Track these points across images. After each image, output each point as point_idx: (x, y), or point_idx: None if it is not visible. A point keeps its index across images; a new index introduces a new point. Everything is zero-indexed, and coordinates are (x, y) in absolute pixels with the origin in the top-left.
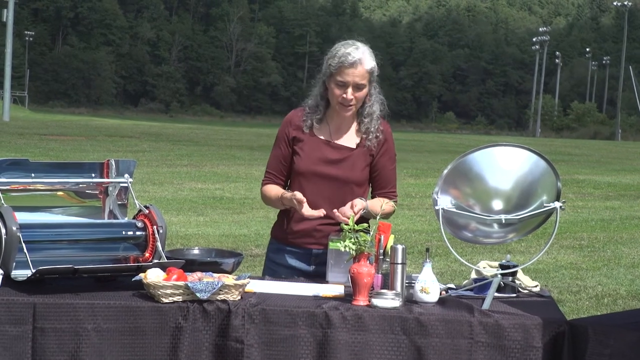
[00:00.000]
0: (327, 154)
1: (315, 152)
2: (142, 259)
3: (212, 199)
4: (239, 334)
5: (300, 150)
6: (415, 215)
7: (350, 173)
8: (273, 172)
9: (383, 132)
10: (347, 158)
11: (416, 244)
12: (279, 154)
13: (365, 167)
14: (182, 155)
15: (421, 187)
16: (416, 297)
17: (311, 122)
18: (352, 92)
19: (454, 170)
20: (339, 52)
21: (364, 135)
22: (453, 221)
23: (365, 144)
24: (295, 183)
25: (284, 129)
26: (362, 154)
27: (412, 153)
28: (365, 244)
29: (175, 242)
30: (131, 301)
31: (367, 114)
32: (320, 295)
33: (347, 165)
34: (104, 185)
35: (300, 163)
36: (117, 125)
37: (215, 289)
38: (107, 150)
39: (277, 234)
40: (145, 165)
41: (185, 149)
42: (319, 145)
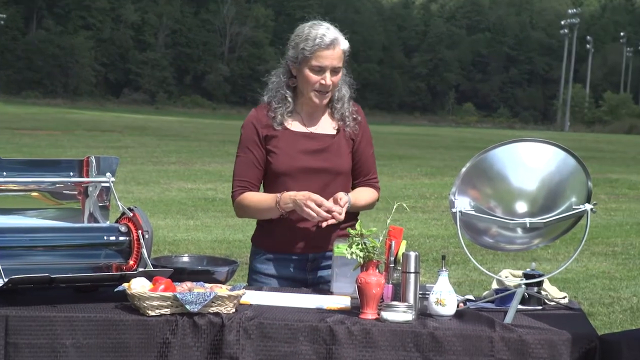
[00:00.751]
0: (308, 145)
1: (294, 146)
2: (126, 267)
3: (204, 201)
4: (233, 350)
5: (276, 148)
6: (430, 218)
7: (338, 161)
8: (246, 180)
9: (357, 114)
10: (330, 146)
11: (431, 250)
12: (251, 158)
13: (349, 154)
14: (170, 152)
15: (436, 188)
16: (431, 309)
17: (281, 116)
18: (329, 78)
19: (473, 169)
20: (311, 34)
21: (340, 121)
22: (472, 225)
23: (344, 129)
24: (276, 185)
25: (252, 129)
26: (344, 139)
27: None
28: (374, 250)
29: (162, 249)
30: (114, 314)
31: (337, 98)
32: (324, 307)
33: (333, 154)
34: (83, 185)
35: (279, 162)
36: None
37: (207, 300)
38: (87, 146)
39: (264, 242)
40: (129, 162)
41: (174, 144)
42: (296, 138)
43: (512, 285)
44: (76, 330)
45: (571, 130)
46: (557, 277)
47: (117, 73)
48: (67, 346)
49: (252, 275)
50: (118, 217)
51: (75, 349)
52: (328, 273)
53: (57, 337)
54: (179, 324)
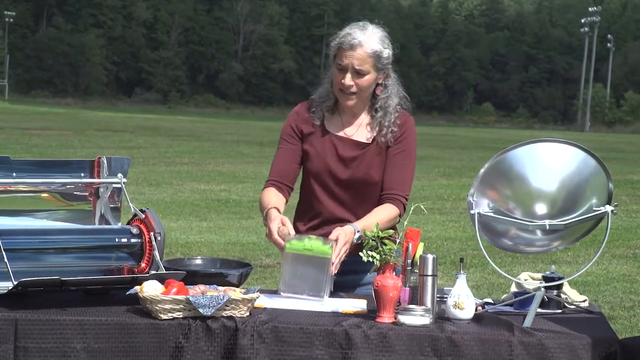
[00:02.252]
0: (341, 151)
1: (328, 149)
2: (138, 270)
3: (217, 202)
4: (247, 355)
5: (311, 147)
6: (447, 220)
7: (366, 172)
8: (278, 173)
9: (400, 125)
10: (362, 155)
11: (449, 253)
12: (289, 152)
13: (381, 165)
14: (183, 152)
15: (454, 189)
16: (449, 313)
17: (322, 113)
18: (351, 78)
19: (491, 170)
20: (341, 33)
21: (378, 131)
22: (491, 227)
23: (379, 139)
24: (305, 184)
25: (293, 122)
26: (376, 149)
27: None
28: (390, 253)
29: (175, 251)
30: (125, 317)
31: (380, 107)
32: (339, 311)
33: (363, 164)
34: (94, 186)
35: (311, 162)
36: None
37: (220, 304)
38: (98, 146)
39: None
40: (141, 163)
41: (186, 145)
42: (332, 141)
43: (532, 289)
44: (87, 334)
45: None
46: (577, 280)
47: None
48: (77, 350)
49: None
50: (130, 219)
51: (86, 353)
52: (343, 278)
53: (67, 341)
54: (191, 327)
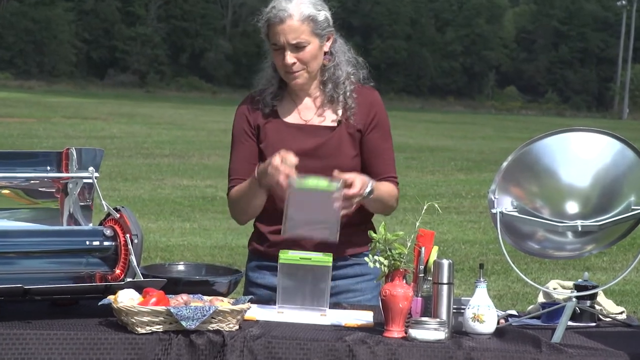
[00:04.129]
0: (302, 143)
1: (285, 142)
2: (112, 277)
3: (202, 200)
4: None
5: (267, 145)
6: (465, 221)
7: (337, 161)
8: (243, 173)
9: (365, 104)
10: (328, 142)
11: (467, 258)
12: (245, 152)
13: (353, 150)
14: (163, 143)
15: (473, 185)
16: (467, 327)
17: (270, 99)
18: (291, 55)
19: (516, 163)
20: (266, 9)
21: (343, 110)
22: (515, 228)
23: (348, 119)
24: None
25: (242, 119)
26: (346, 132)
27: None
28: (400, 258)
29: (154, 256)
30: (97, 331)
31: (328, 78)
32: (341, 324)
33: (331, 151)
34: (61, 181)
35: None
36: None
37: (205, 316)
38: (66, 136)
39: (256, 247)
40: (115, 155)
41: (167, 134)
42: (289, 131)
43: (562, 299)
44: (53, 350)
45: (630, 118)
46: (613, 289)
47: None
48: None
49: (247, 286)
50: (102, 219)
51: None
52: (339, 284)
53: (30, 358)
54: (173, 343)
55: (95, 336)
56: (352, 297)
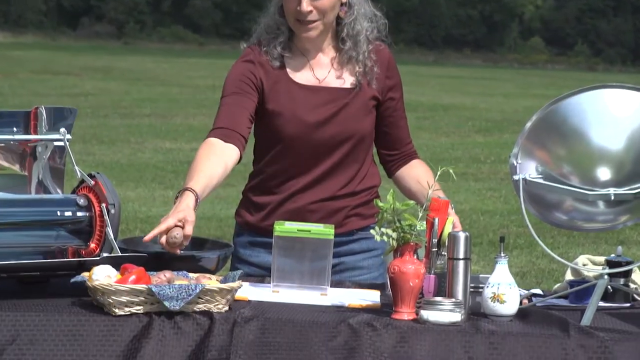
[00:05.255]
0: (317, 105)
1: (298, 106)
2: (85, 252)
3: (187, 165)
4: (224, 355)
5: (276, 104)
6: (484, 188)
7: (355, 128)
8: (228, 122)
9: (384, 64)
10: (347, 107)
11: (486, 230)
12: (239, 102)
13: (372, 116)
14: (143, 101)
15: (493, 148)
16: (486, 308)
17: (279, 51)
18: (308, 1)
19: (541, 123)
20: None
21: (360, 69)
22: (540, 197)
23: (367, 81)
24: (267, 151)
25: (244, 70)
26: (364, 96)
27: (481, 97)
28: (411, 230)
29: (133, 228)
30: (69, 313)
31: (347, 35)
32: (345, 305)
33: (350, 117)
34: (29, 144)
35: (278, 125)
36: (49, 57)
37: (191, 295)
38: (34, 93)
39: (248, 221)
40: (90, 115)
41: (148, 91)
42: (302, 94)
43: (592, 276)
44: (20, 333)
45: None
46: None
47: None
48: (7, 352)
49: (235, 262)
50: (75, 187)
51: (16, 355)
52: (344, 261)
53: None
54: (154, 325)
55: (67, 318)
56: (358, 275)
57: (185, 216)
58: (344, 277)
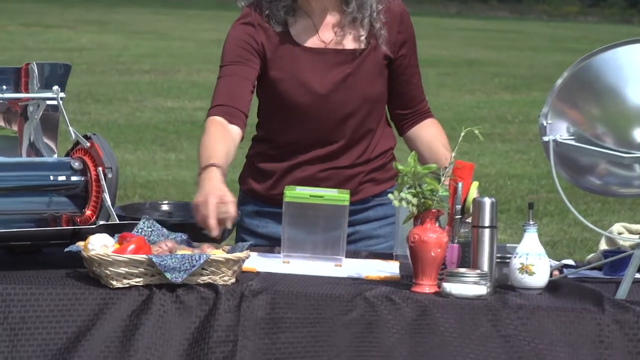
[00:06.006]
0: (325, 70)
1: (304, 71)
2: (81, 220)
3: (190, 125)
4: (231, 336)
5: (280, 70)
6: (511, 150)
7: (366, 91)
8: (228, 99)
9: (388, 19)
10: (356, 70)
11: (513, 196)
12: (240, 73)
13: (384, 77)
14: (143, 56)
15: (521, 107)
16: (513, 280)
17: (281, 14)
18: None
19: (573, 80)
20: None
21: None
22: (572, 160)
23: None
24: (273, 118)
25: (244, 35)
26: (374, 57)
27: (508, 52)
28: (432, 195)
29: (131, 194)
30: (63, 286)
31: None
32: (361, 276)
33: (361, 81)
34: (20, 103)
35: (283, 92)
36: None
37: (195, 266)
38: (24, 48)
39: (254, 188)
40: (85, 71)
41: (147, 45)
42: (308, 59)
43: (628, 246)
44: (10, 306)
45: None
46: None
47: None
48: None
49: (241, 233)
50: (69, 149)
51: (7, 332)
52: (360, 229)
53: None
54: (155, 299)
55: (61, 291)
56: (375, 244)
57: (224, 195)
58: (359, 247)
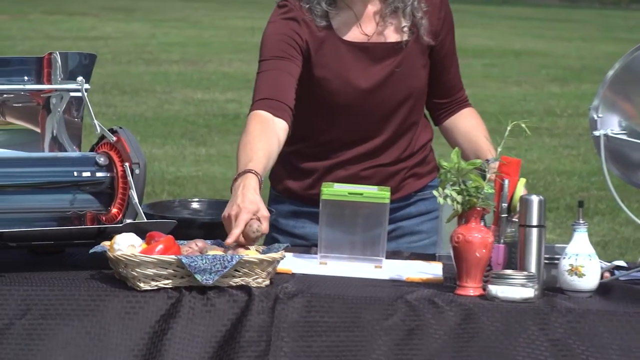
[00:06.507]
0: (369, 69)
1: (349, 69)
2: (106, 218)
3: (221, 118)
4: (264, 340)
5: (325, 69)
6: (560, 146)
7: (411, 85)
8: (272, 93)
9: (429, 8)
10: (401, 64)
11: (562, 194)
12: (283, 68)
13: (427, 68)
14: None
15: (570, 100)
16: (562, 282)
17: (323, 7)
18: None
19: (625, 72)
20: None
21: (397, 17)
22: (624, 156)
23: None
24: (313, 115)
25: (286, 30)
26: (417, 48)
27: (557, 42)
28: (477, 193)
29: (159, 190)
30: (88, 288)
31: None
32: (402, 278)
33: (403, 74)
34: (42, 95)
35: (328, 92)
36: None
37: (227, 268)
38: (47, 37)
39: (290, 188)
40: (110, 61)
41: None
42: (351, 54)
43: None
44: (32, 308)
45: None
46: None
47: None
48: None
49: (274, 233)
50: (95, 144)
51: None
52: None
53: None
54: (184, 302)
55: (85, 293)
56: (416, 240)
57: (260, 210)
58: (400, 244)
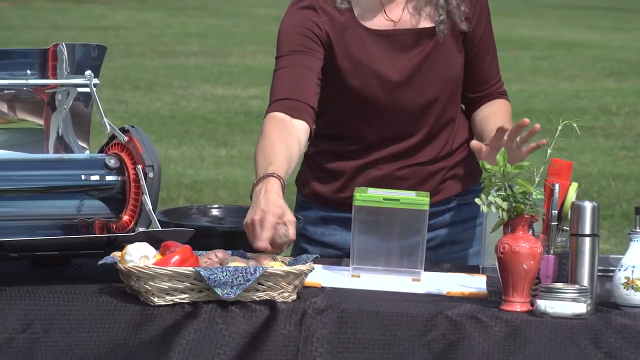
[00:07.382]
0: (397, 59)
1: (374, 59)
2: (117, 226)
3: (244, 116)
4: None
5: (348, 60)
6: (616, 147)
7: (444, 73)
8: (292, 92)
9: None
10: (433, 52)
11: (618, 200)
12: (303, 64)
13: (462, 55)
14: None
15: (628, 96)
16: (617, 296)
17: None
18: None
19: None
20: None
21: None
22: None
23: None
24: (340, 111)
25: (305, 19)
26: (450, 34)
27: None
28: (525, 199)
29: (175, 195)
30: (96, 302)
31: None
32: (442, 292)
33: (435, 62)
34: (47, 90)
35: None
36: None
37: (250, 281)
38: (52, 26)
39: (318, 191)
40: (122, 54)
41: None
42: (377, 43)
43: None
44: (35, 323)
45: None
46: None
47: None
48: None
49: (302, 242)
50: (104, 144)
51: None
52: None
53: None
54: (203, 318)
55: (93, 308)
56: (457, 250)
57: (285, 214)
58: (440, 255)
